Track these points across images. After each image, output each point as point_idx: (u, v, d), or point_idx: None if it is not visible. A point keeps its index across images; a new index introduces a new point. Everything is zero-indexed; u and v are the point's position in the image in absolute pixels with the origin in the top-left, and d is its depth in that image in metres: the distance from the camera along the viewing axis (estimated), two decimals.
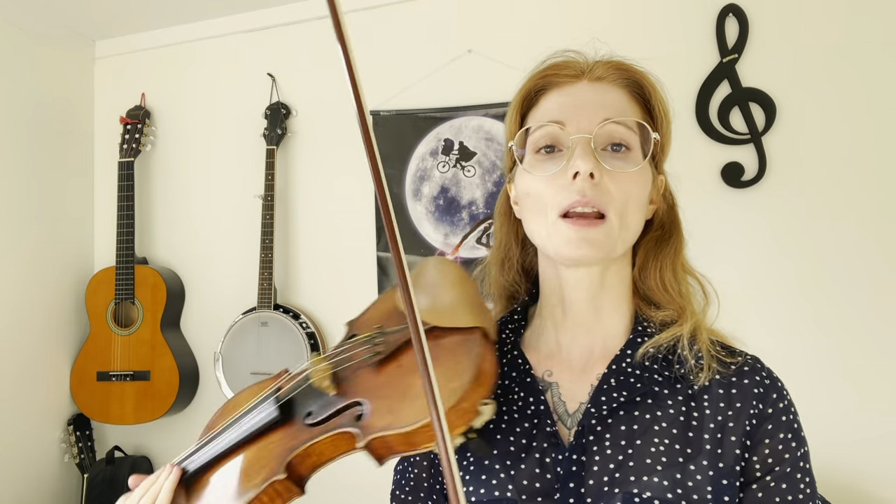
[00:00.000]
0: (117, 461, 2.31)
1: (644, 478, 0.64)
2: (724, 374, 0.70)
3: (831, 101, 1.78)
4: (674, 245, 0.77)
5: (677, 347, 0.71)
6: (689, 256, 0.80)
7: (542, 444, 0.68)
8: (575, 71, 0.72)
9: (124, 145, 2.36)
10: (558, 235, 0.68)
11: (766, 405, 0.69)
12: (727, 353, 0.72)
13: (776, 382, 0.71)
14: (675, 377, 0.70)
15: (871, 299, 1.74)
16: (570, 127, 0.68)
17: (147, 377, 2.26)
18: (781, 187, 1.81)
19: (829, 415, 1.75)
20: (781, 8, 1.82)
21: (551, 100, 0.72)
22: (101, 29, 2.45)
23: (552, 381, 0.74)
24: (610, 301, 0.74)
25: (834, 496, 1.73)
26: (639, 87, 0.73)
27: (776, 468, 0.67)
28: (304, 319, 2.17)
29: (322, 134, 2.27)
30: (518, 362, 0.75)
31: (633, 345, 0.72)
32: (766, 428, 0.68)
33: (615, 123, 0.69)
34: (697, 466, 0.65)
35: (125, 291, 2.28)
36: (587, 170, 0.65)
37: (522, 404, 0.71)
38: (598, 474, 0.65)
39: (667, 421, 0.67)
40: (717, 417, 0.68)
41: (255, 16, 2.34)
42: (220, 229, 2.38)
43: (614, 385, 0.69)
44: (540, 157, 0.71)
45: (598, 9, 1.98)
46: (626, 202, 0.68)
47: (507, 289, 0.83)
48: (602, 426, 0.68)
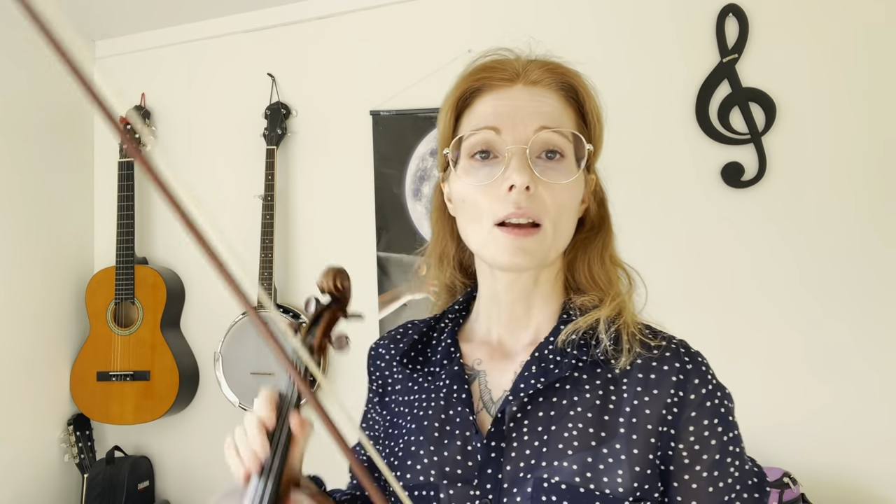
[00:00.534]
0: (117, 461, 2.31)
1: (555, 462, 0.65)
2: (646, 359, 0.70)
3: (831, 101, 1.78)
4: (602, 239, 0.78)
5: (597, 331, 0.71)
6: (691, 254, 0.81)
7: (465, 433, 0.70)
8: (510, 74, 0.72)
9: (124, 145, 2.36)
10: (494, 244, 0.69)
11: (688, 391, 0.68)
12: (652, 336, 0.71)
13: (700, 367, 0.70)
14: (596, 361, 0.70)
15: (872, 299, 1.74)
16: (506, 134, 0.68)
17: (147, 377, 2.26)
18: (781, 187, 1.81)
19: (831, 415, 1.75)
20: (781, 8, 1.82)
21: (486, 103, 0.72)
22: (101, 29, 2.45)
23: (480, 370, 0.76)
24: (541, 296, 0.76)
25: (836, 496, 1.73)
26: (573, 92, 0.74)
27: (704, 455, 0.66)
28: (304, 319, 2.17)
29: (322, 134, 2.27)
30: (450, 351, 0.78)
31: (556, 332, 0.74)
32: (688, 415, 0.67)
33: (551, 132, 0.69)
34: (610, 450, 0.65)
35: (125, 291, 2.28)
36: (523, 183, 0.66)
37: (447, 392, 0.74)
38: (514, 460, 0.67)
39: (583, 405, 0.68)
40: (633, 402, 0.68)
41: (255, 16, 2.34)
42: (221, 229, 2.37)
43: (534, 372, 0.71)
44: (475, 162, 0.71)
45: (599, 9, 1.98)
46: (560, 211, 0.69)
47: (446, 283, 0.86)
48: (522, 413, 0.69)
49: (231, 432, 0.70)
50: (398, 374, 0.82)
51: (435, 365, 0.78)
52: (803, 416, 1.77)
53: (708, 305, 1.85)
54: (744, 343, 1.82)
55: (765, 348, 1.81)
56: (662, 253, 1.88)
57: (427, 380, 0.77)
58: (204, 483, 2.36)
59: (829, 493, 1.72)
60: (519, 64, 0.73)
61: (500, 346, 0.77)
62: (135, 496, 2.28)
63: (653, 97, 1.93)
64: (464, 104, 0.74)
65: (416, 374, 0.79)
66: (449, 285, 0.86)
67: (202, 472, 2.36)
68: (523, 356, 0.74)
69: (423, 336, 0.82)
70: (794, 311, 1.79)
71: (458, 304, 0.83)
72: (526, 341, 0.76)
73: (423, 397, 0.76)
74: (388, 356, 0.84)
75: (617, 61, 1.96)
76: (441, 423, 0.72)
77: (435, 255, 0.85)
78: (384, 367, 0.84)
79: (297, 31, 2.30)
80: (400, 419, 0.78)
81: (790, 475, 1.64)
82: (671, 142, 1.90)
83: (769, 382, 1.79)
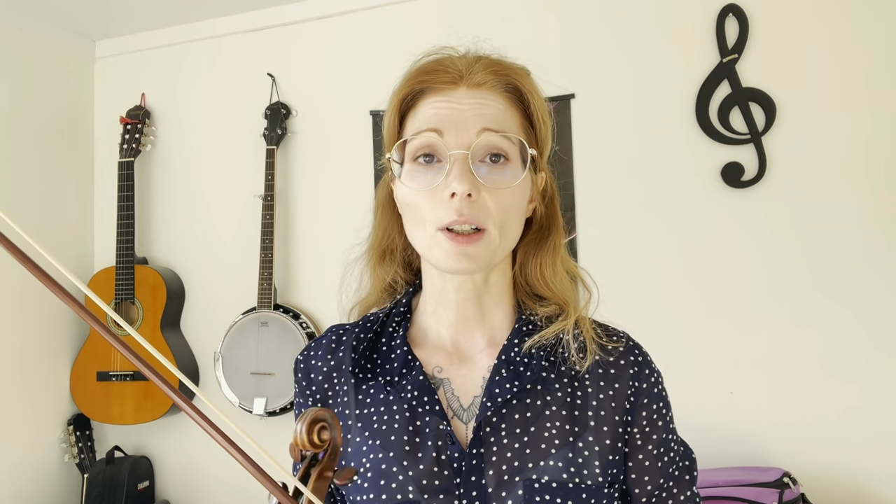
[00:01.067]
0: (117, 461, 2.31)
1: (541, 462, 0.67)
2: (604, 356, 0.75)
3: (831, 101, 1.78)
4: (552, 242, 0.78)
5: (560, 342, 0.73)
6: (691, 254, 0.81)
7: (437, 442, 0.69)
8: (452, 76, 0.71)
9: (124, 145, 2.36)
10: (438, 248, 0.68)
11: (641, 381, 0.74)
12: (608, 338, 0.76)
13: (646, 357, 0.77)
14: (559, 361, 0.73)
15: (872, 298, 1.74)
16: (448, 138, 0.68)
17: (147, 377, 2.26)
18: (781, 187, 1.81)
19: (831, 415, 1.75)
20: (781, 8, 1.82)
21: (429, 105, 0.71)
22: (101, 29, 2.45)
23: (443, 378, 0.74)
24: (492, 298, 0.76)
25: (836, 496, 1.73)
26: (518, 93, 0.72)
27: (654, 435, 0.74)
28: (304, 319, 2.17)
29: (322, 134, 2.27)
30: (408, 359, 0.74)
31: (518, 334, 0.74)
32: (642, 401, 0.74)
33: (494, 134, 0.68)
34: (585, 443, 0.70)
35: (125, 291, 2.29)
36: (464, 191, 0.65)
37: (416, 403, 0.71)
38: (497, 465, 0.67)
39: (556, 404, 0.71)
40: (598, 395, 0.72)
41: (255, 16, 2.34)
42: (221, 229, 2.38)
43: (505, 376, 0.71)
44: (418, 166, 0.70)
45: (599, 9, 1.98)
46: (504, 214, 0.68)
47: (385, 281, 0.82)
48: (497, 417, 0.69)
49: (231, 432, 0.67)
50: (341, 385, 0.77)
51: (391, 374, 0.73)
52: (803, 416, 1.77)
53: (708, 305, 1.85)
54: (744, 343, 1.82)
55: (765, 348, 1.81)
56: (662, 253, 1.88)
57: (385, 390, 0.73)
58: (204, 483, 2.36)
59: (829, 493, 1.72)
60: (462, 65, 0.71)
61: (457, 350, 0.76)
62: (135, 496, 2.28)
63: (653, 97, 1.93)
64: (407, 106, 0.74)
65: (369, 384, 0.75)
66: (389, 283, 0.82)
67: (202, 472, 2.36)
68: (486, 360, 0.74)
69: (369, 342, 0.77)
70: (794, 311, 1.79)
71: (402, 306, 0.80)
72: (482, 344, 0.75)
73: (381, 409, 0.73)
74: (327, 367, 0.78)
75: (617, 61, 1.96)
76: (410, 436, 0.70)
77: (378, 251, 0.82)
78: (321, 379, 0.78)
79: (297, 31, 2.30)
80: (354, 435, 0.73)
81: (790, 475, 1.64)
82: (671, 142, 1.90)
83: (769, 382, 1.79)
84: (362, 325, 0.80)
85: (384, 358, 0.76)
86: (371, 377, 0.75)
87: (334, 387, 0.78)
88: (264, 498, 0.64)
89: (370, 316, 0.81)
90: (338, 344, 0.80)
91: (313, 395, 0.79)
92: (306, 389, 0.79)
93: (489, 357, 0.74)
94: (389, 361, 0.75)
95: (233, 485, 2.31)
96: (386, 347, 0.77)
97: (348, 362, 0.76)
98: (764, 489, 1.60)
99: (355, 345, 0.77)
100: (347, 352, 0.77)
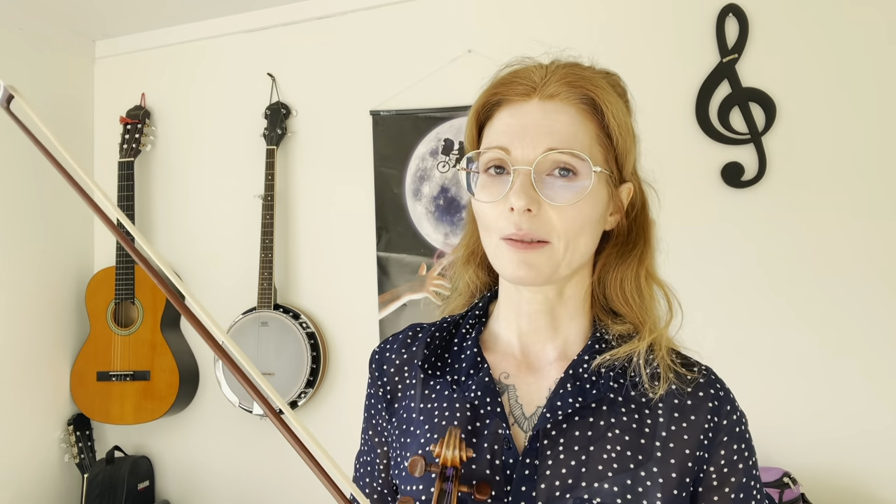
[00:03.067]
0: (117, 461, 2.31)
1: (595, 484, 0.65)
2: (680, 385, 0.72)
3: (831, 100, 1.78)
4: (638, 254, 0.77)
5: (632, 364, 0.72)
6: (691, 254, 0.80)
7: (494, 446, 0.69)
8: (526, 88, 0.71)
9: (124, 145, 2.36)
10: (501, 256, 0.69)
11: (721, 417, 0.71)
12: (684, 366, 0.73)
13: (729, 394, 0.74)
14: (629, 385, 0.71)
15: (872, 298, 1.74)
16: (514, 154, 0.68)
17: (147, 377, 2.26)
18: (781, 187, 1.81)
19: (831, 415, 1.75)
20: (781, 8, 1.82)
21: (501, 119, 0.71)
22: (101, 29, 2.45)
23: (509, 384, 0.74)
24: (567, 311, 0.75)
25: (836, 496, 1.73)
26: (592, 104, 0.71)
27: (732, 478, 0.70)
28: (304, 319, 2.17)
29: (322, 134, 2.27)
30: (477, 360, 0.75)
31: (589, 350, 0.73)
32: (721, 440, 0.70)
33: (559, 153, 0.67)
34: (648, 473, 0.67)
35: (125, 291, 2.29)
36: (521, 207, 0.65)
37: (478, 403, 0.72)
38: (550, 478, 0.66)
39: (620, 427, 0.69)
40: (670, 427, 0.69)
41: (255, 16, 2.34)
42: (220, 229, 2.38)
43: (570, 390, 0.70)
44: (490, 177, 0.71)
45: (599, 9, 1.98)
46: (570, 228, 0.68)
47: (466, 282, 0.84)
48: (557, 431, 0.69)
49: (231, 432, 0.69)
50: (411, 379, 0.80)
51: (459, 373, 0.75)
52: (804, 417, 1.77)
53: (708, 305, 1.85)
54: (744, 343, 1.82)
55: (765, 348, 1.81)
56: (662, 252, 1.88)
57: (451, 388, 0.74)
58: (204, 483, 2.36)
59: (829, 493, 1.73)
60: (538, 76, 0.71)
61: (526, 359, 0.76)
62: (135, 496, 2.28)
63: (653, 97, 1.93)
64: (485, 116, 0.75)
65: (436, 381, 0.77)
66: (468, 284, 0.84)
67: (202, 472, 2.36)
68: (554, 372, 0.73)
69: (441, 340, 0.79)
70: (794, 311, 1.79)
71: (479, 310, 0.81)
72: (553, 355, 0.75)
73: (444, 406, 0.74)
74: (399, 360, 0.81)
75: (617, 61, 1.95)
76: (468, 435, 0.70)
77: (466, 250, 0.84)
78: (393, 371, 0.81)
79: (297, 31, 2.30)
80: (415, 427, 0.75)
81: (790, 475, 1.64)
82: (671, 142, 1.90)
83: (769, 383, 1.79)
84: (439, 324, 0.81)
85: (454, 357, 0.77)
86: (440, 374, 0.76)
87: (404, 380, 0.80)
88: (264, 498, 0.64)
89: (448, 317, 0.82)
90: (413, 340, 0.82)
91: (384, 387, 0.81)
92: (378, 380, 0.82)
93: (558, 370, 0.73)
94: (459, 361, 0.76)
95: (233, 485, 2.31)
96: (457, 348, 0.78)
97: (420, 358, 0.77)
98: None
99: (429, 342, 0.78)
100: (420, 348, 0.79)
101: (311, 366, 2.12)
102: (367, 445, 0.84)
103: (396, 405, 0.79)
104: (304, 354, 2.12)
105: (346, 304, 2.21)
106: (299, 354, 2.13)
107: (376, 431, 0.82)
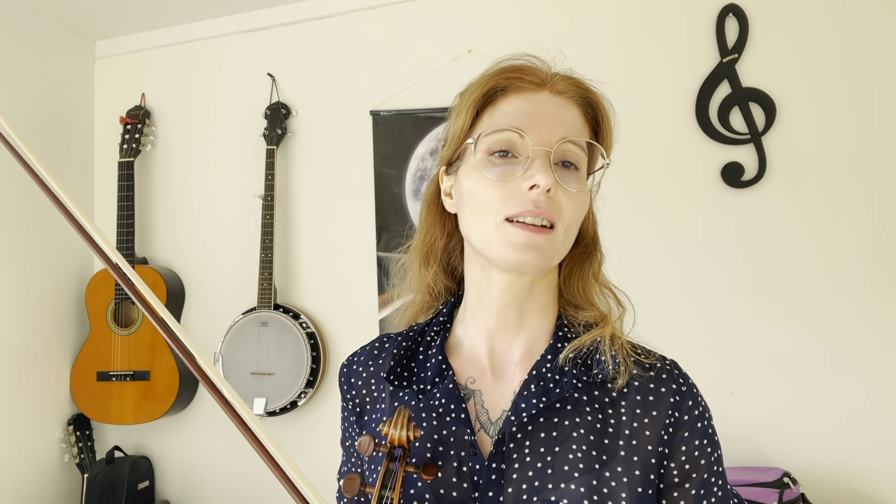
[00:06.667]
0: (117, 461, 2.31)
1: (562, 485, 0.65)
2: (642, 381, 0.71)
3: (831, 101, 1.78)
4: (596, 258, 0.79)
5: (597, 352, 0.72)
6: (691, 254, 0.81)
7: (461, 453, 0.68)
8: (538, 79, 0.72)
9: (124, 145, 2.36)
10: (504, 238, 0.68)
11: (682, 412, 0.70)
12: (644, 355, 0.73)
13: (692, 389, 0.72)
14: (593, 382, 0.71)
15: (871, 298, 1.74)
16: (532, 137, 0.68)
17: (147, 377, 2.26)
18: (781, 187, 1.81)
19: (831, 415, 1.75)
20: (781, 8, 1.82)
21: (512, 104, 0.72)
22: (101, 29, 2.45)
23: (475, 389, 0.74)
24: (536, 307, 0.75)
25: (836, 496, 1.73)
26: (591, 109, 0.75)
27: (693, 474, 0.69)
28: (304, 319, 2.17)
29: (322, 134, 2.27)
30: (442, 367, 0.74)
31: (553, 350, 0.73)
32: (682, 435, 0.69)
33: (572, 144, 0.70)
34: (612, 473, 0.66)
35: (125, 291, 2.28)
36: (547, 185, 0.66)
37: (443, 411, 0.71)
38: (516, 482, 0.66)
39: (585, 427, 0.68)
40: (632, 424, 0.69)
41: (255, 16, 2.34)
42: (220, 229, 2.38)
43: (534, 391, 0.70)
44: (493, 159, 0.70)
45: (599, 9, 1.98)
46: (573, 216, 0.70)
47: (428, 285, 0.83)
48: (522, 433, 0.68)
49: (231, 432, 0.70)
50: (379, 392, 0.79)
51: (424, 382, 0.74)
52: (803, 416, 1.77)
53: (707, 305, 1.85)
54: (744, 343, 1.82)
55: (765, 348, 1.81)
56: (662, 253, 1.88)
57: (417, 398, 0.73)
58: (204, 483, 2.36)
59: (829, 493, 1.73)
60: (546, 71, 0.74)
61: (492, 362, 0.75)
62: (135, 496, 2.28)
63: (653, 97, 1.93)
64: (487, 101, 0.74)
65: (403, 391, 0.75)
66: (431, 286, 0.83)
67: (202, 472, 2.36)
68: (519, 375, 0.73)
69: (407, 350, 0.78)
70: (793, 312, 1.79)
71: (442, 315, 0.80)
72: (518, 355, 0.75)
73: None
74: (367, 373, 0.80)
75: (617, 61, 1.96)
76: (434, 444, 0.70)
77: (421, 252, 0.82)
78: (360, 384, 0.80)
79: (297, 31, 2.30)
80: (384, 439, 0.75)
81: (790, 475, 1.64)
82: (671, 142, 1.90)
83: (769, 382, 1.79)
84: (405, 333, 0.80)
85: (420, 366, 0.76)
86: (406, 385, 0.75)
87: (372, 393, 0.79)
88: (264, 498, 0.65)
89: (415, 325, 0.82)
90: (380, 351, 0.81)
91: (352, 400, 0.80)
92: (347, 394, 0.82)
93: (523, 371, 0.73)
94: (425, 370, 0.76)
95: (233, 485, 2.31)
96: (423, 356, 0.77)
97: (386, 370, 0.76)
98: (764, 489, 1.60)
99: (395, 352, 0.77)
100: (387, 359, 0.78)
101: (311, 366, 2.12)
102: (345, 457, 0.84)
103: (366, 418, 0.79)
104: (304, 354, 2.12)
105: (346, 304, 2.21)
106: (299, 354, 2.13)
107: (352, 444, 0.82)
